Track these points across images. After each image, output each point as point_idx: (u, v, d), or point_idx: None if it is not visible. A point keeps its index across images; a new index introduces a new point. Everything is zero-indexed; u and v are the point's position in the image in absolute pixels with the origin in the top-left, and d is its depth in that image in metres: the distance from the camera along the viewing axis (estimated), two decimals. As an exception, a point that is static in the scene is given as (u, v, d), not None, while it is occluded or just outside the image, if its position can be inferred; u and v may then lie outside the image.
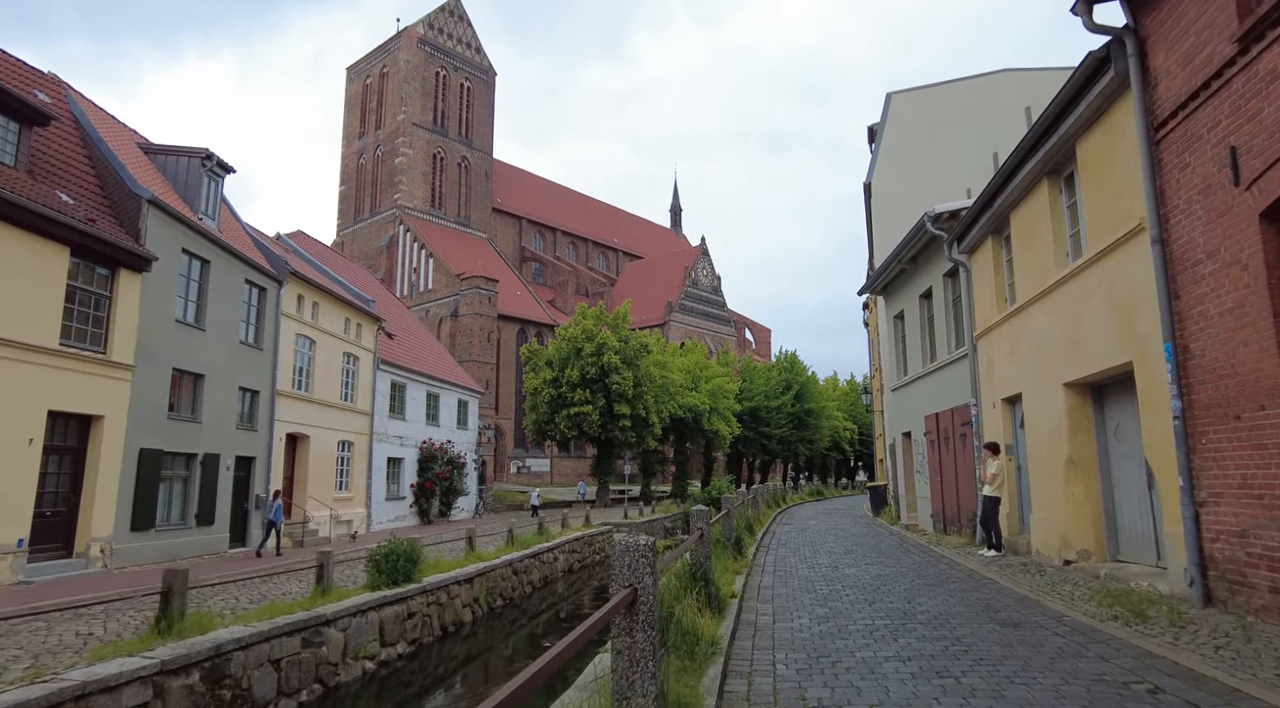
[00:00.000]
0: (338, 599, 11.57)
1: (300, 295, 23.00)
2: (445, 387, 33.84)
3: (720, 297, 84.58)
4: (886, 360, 22.93)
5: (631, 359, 42.83)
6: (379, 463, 27.88)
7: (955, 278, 15.72)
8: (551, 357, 43.88)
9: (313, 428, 23.55)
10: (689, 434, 49.82)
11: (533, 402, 44.38)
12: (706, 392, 48.87)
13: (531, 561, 20.38)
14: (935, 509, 16.75)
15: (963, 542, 14.30)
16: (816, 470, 73.43)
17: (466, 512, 35.55)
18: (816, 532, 18.94)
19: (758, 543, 15.55)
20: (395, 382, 29.56)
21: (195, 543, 17.75)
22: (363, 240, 76.46)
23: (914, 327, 18.24)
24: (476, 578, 16.36)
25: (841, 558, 13.13)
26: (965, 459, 14.83)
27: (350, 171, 79.53)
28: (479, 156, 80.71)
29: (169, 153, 19.55)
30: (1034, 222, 11.29)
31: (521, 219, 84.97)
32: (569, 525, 26.71)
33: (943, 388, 16.23)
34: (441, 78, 78.05)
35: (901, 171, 23.74)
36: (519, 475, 67.59)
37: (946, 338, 15.99)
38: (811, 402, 58.15)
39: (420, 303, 69.84)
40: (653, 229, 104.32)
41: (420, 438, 31.21)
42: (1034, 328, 11.36)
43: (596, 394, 42.26)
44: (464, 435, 35.77)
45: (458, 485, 33.24)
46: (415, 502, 30.50)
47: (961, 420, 15.03)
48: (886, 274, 19.07)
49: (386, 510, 28.31)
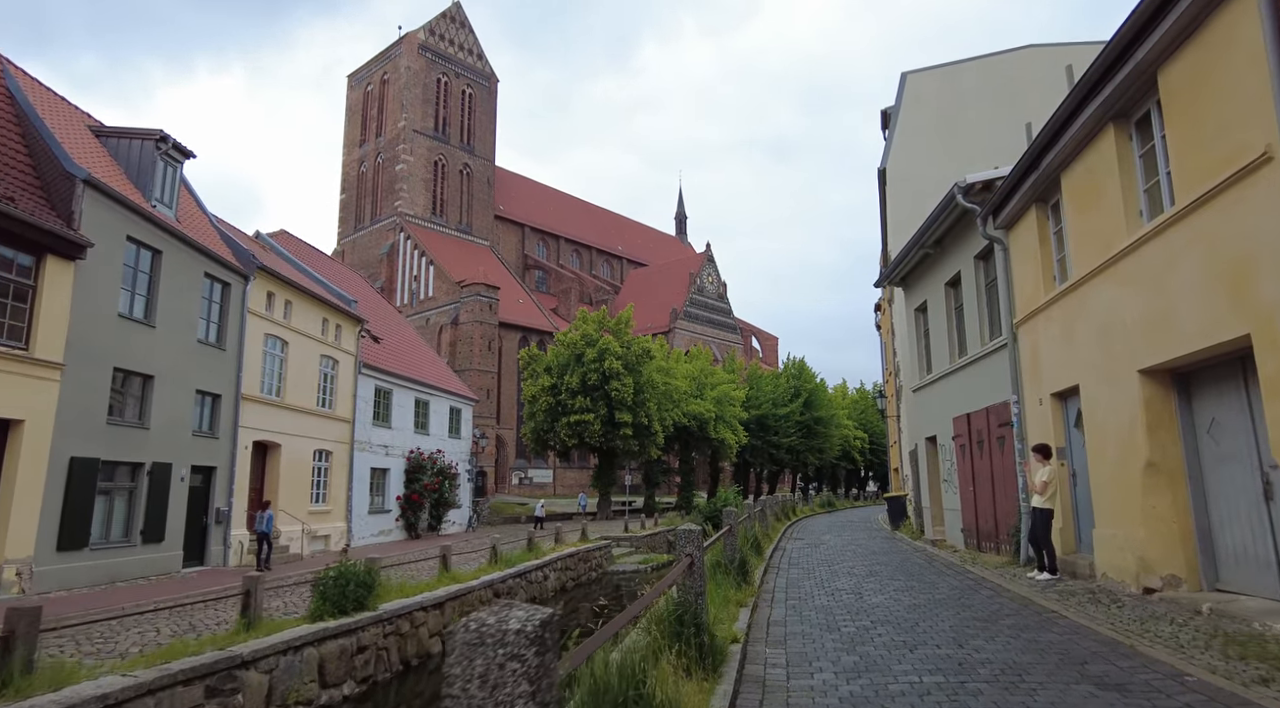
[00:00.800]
0: (267, 633, 9.67)
1: (270, 293, 21.21)
2: (436, 393, 31.99)
3: (726, 304, 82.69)
4: (906, 359, 20.97)
5: (633, 365, 40.95)
6: (361, 474, 26.00)
7: (989, 259, 13.79)
8: (551, 363, 42.04)
9: (284, 436, 21.71)
10: (694, 443, 47.84)
11: (531, 409, 42.52)
12: (712, 399, 46.92)
13: (517, 581, 18.42)
14: (967, 523, 14.74)
15: (1003, 561, 12.29)
16: (826, 481, 71.21)
17: (459, 526, 33.60)
18: (832, 548, 16.93)
19: (766, 562, 13.57)
20: (380, 387, 27.72)
21: (140, 563, 15.87)
22: (363, 249, 74.97)
23: (939, 319, 16.28)
24: (448, 603, 14.42)
25: (864, 581, 11.15)
26: (1004, 466, 12.85)
27: (351, 180, 78.15)
28: (481, 163, 79.24)
29: (120, 136, 17.83)
30: (1095, 179, 9.37)
31: (524, 226, 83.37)
32: (563, 540, 24.75)
33: (975, 385, 14.27)
34: (443, 84, 76.70)
35: (918, 156, 21.85)
36: (521, 487, 65.64)
37: (979, 328, 14.03)
38: (820, 409, 56.09)
39: (421, 311, 68.22)
40: (658, 237, 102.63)
41: (408, 447, 29.34)
42: (1096, 306, 9.41)
43: (597, 402, 40.37)
44: (457, 445, 33.88)
45: (449, 498, 31.31)
46: (402, 515, 28.59)
47: (999, 421, 13.05)
48: (907, 261, 17.14)
49: (369, 525, 26.40)
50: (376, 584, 12.16)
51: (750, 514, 14.87)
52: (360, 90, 78.82)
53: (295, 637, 9.71)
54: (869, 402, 74.03)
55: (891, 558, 14.51)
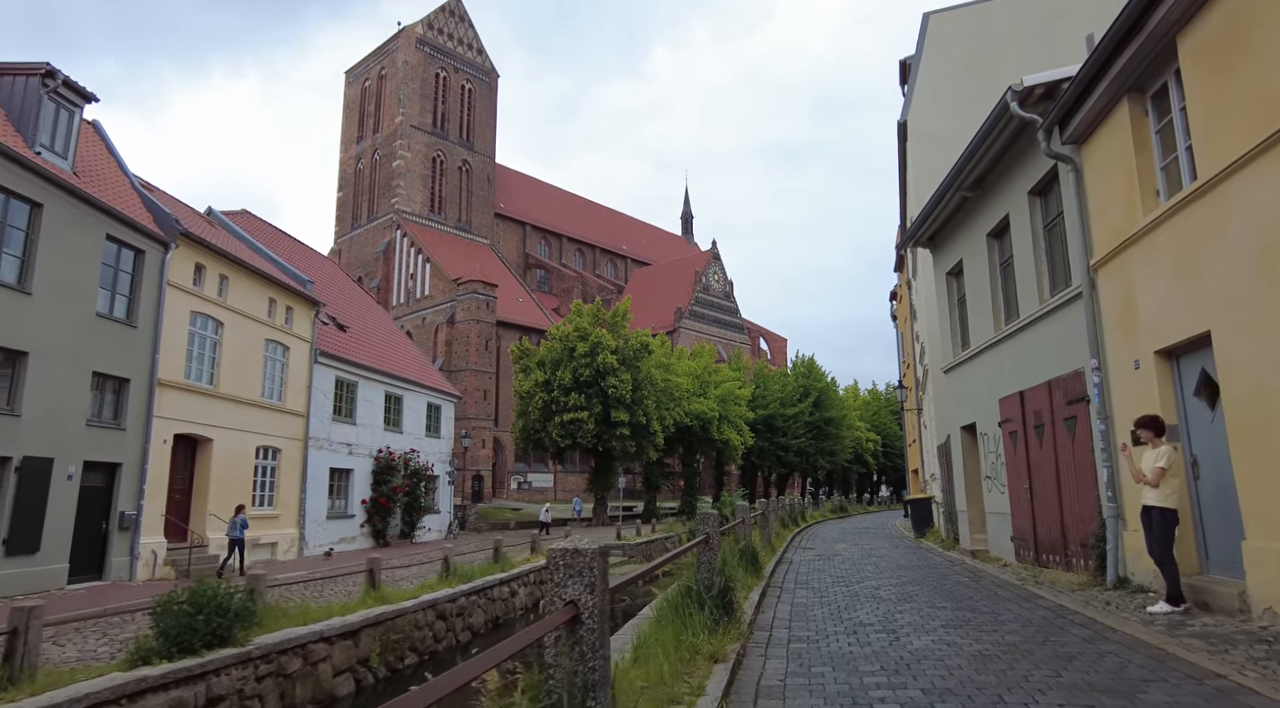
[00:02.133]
0: (40, 691, 6.65)
1: (200, 265, 18.30)
2: (411, 388, 29.01)
3: (733, 303, 79.55)
4: (933, 337, 17.82)
5: (630, 361, 37.88)
6: (317, 474, 23.02)
7: (1048, 193, 10.68)
8: (544, 357, 39.03)
9: (218, 429, 18.76)
10: (697, 445, 44.67)
11: (522, 407, 39.48)
12: (715, 398, 43.77)
13: (473, 599, 15.35)
14: (1019, 530, 11.58)
15: (1079, 581, 9.13)
16: (837, 485, 67.83)
17: (438, 532, 30.57)
18: (849, 562, 13.76)
19: (766, 581, 10.45)
20: (343, 379, 24.77)
21: (5, 578, 12.90)
22: (360, 247, 72.38)
23: (979, 279, 13.15)
24: (365, 630, 11.36)
25: (897, 610, 8.02)
26: (1077, 454, 9.70)
27: (348, 177, 75.64)
28: (480, 160, 76.57)
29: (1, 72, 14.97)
30: (1244, 27, 6.28)
31: (526, 225, 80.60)
32: (540, 550, 21.66)
33: (1031, 355, 11.12)
34: (441, 79, 74.14)
35: (943, 106, 18.73)
36: (520, 492, 62.65)
37: (1035, 283, 10.89)
38: (831, 410, 52.85)
39: (417, 310, 65.50)
40: (663, 237, 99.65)
41: (376, 446, 26.35)
42: (1249, 210, 6.30)
43: (592, 399, 37.30)
44: (436, 445, 30.89)
45: (423, 501, 28.30)
46: (368, 521, 25.58)
47: (1068, 396, 9.91)
48: (938, 213, 14.01)
49: (328, 531, 23.40)
50: (254, 610, 9.14)
51: (746, 520, 11.74)
52: (358, 86, 76.40)
53: (80, 695, 6.68)
54: (881, 403, 70.75)
55: (925, 574, 11.35)
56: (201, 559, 17.47)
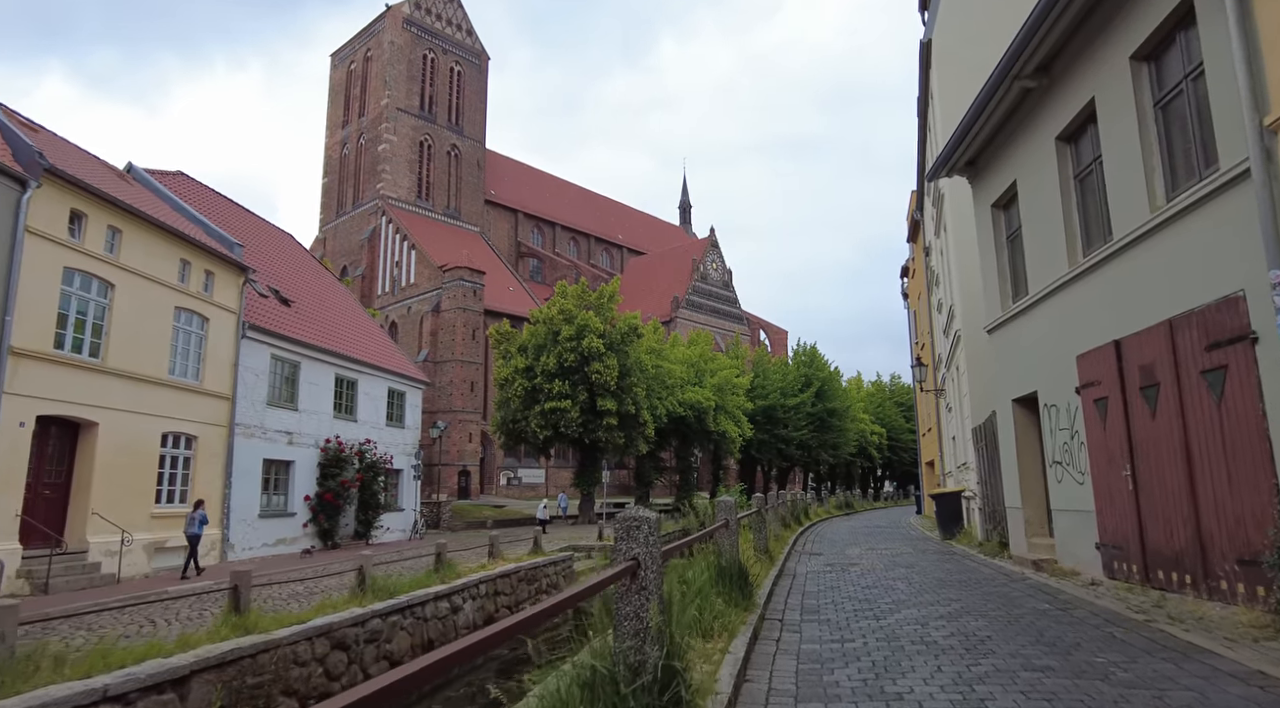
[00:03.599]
0: None
1: (79, 213, 14.97)
2: (368, 371, 25.68)
3: (732, 292, 76.20)
4: (969, 294, 14.46)
5: (617, 345, 34.55)
6: (247, 466, 19.71)
7: (1163, 55, 7.33)
8: (525, 342, 35.71)
9: (105, 411, 15.46)
10: (692, 437, 41.31)
11: (502, 396, 36.15)
12: (711, 387, 40.41)
13: (393, 621, 12.03)
14: (1113, 534, 8.23)
15: (1250, 620, 5.79)
16: (840, 480, 64.46)
17: (400, 533, 27.28)
18: (872, 576, 10.39)
19: (762, 610, 7.11)
20: (281, 358, 21.45)
21: None
22: (344, 235, 69.07)
23: (1043, 202, 9.78)
24: (201, 675, 8.05)
25: (972, 675, 4.66)
26: (1229, 421, 6.35)
27: (333, 163, 72.28)
28: (470, 145, 73.20)
29: None
30: None
31: (518, 212, 77.24)
32: (500, 554, 18.35)
33: (1137, 286, 7.76)
34: (429, 61, 70.76)
35: (976, 18, 15.36)
36: (510, 487, 59.40)
37: (1146, 181, 7.53)
38: (834, 400, 49.44)
39: (402, 299, 62.19)
40: (661, 226, 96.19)
41: (323, 435, 23.04)
42: None
43: (577, 387, 33.98)
44: (398, 435, 27.58)
45: (381, 498, 25.00)
46: (313, 520, 22.27)
47: (1210, 337, 6.55)
48: (981, 125, 10.62)
49: (261, 532, 20.10)
50: None
51: (730, 523, 8.40)
52: (343, 69, 73.06)
53: None
54: (886, 395, 67.36)
55: (983, 598, 8.00)
56: (75, 569, 14.16)
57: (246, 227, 26.33)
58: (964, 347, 14.63)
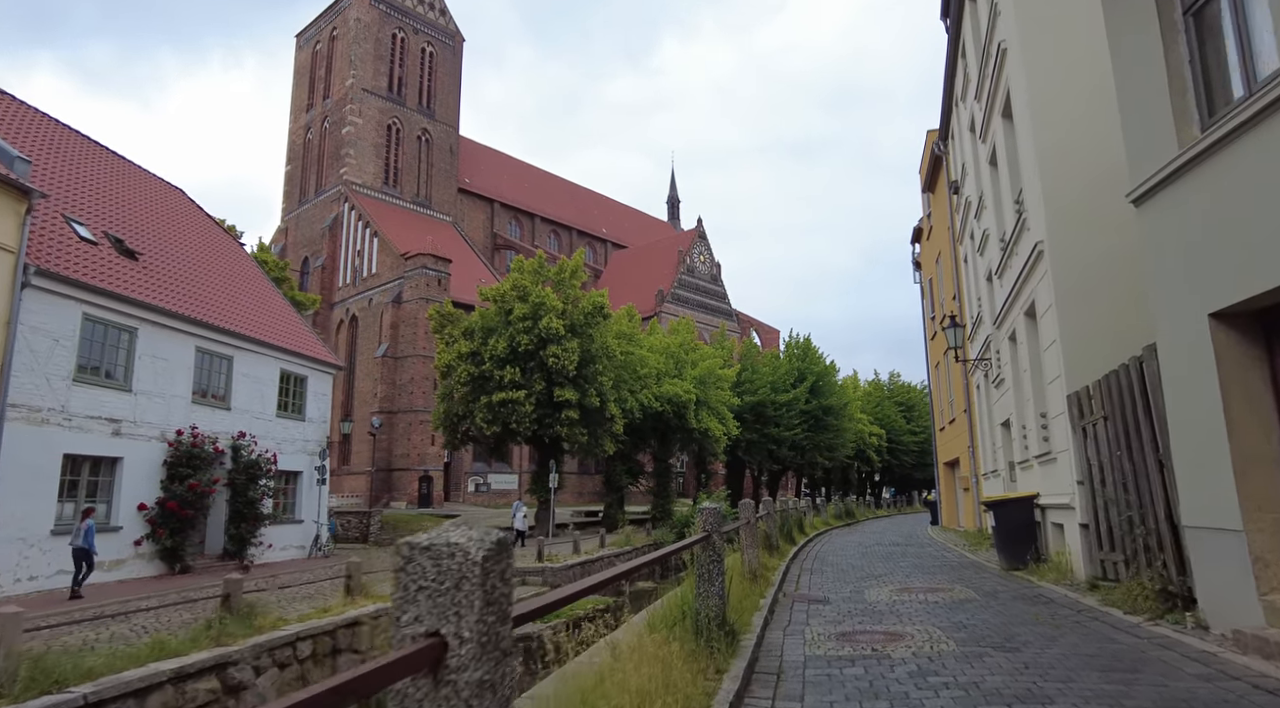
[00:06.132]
0: None
1: None
2: (247, 346, 20.02)
3: (720, 287, 70.79)
4: (1056, 183, 8.94)
5: (580, 327, 29.00)
6: (31, 463, 14.00)
7: None
8: (472, 324, 30.14)
9: None
10: (671, 435, 35.67)
11: (445, 388, 30.55)
12: (693, 378, 34.83)
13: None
14: None
15: None
16: (836, 485, 58.82)
17: (297, 550, 21.59)
18: (935, 672, 4.79)
19: None
20: (100, 319, 15.79)
21: None
22: (306, 224, 63.48)
23: None
24: None
25: None
26: None
27: (296, 149, 66.74)
28: (442, 130, 67.73)
29: None
30: None
31: (494, 202, 71.77)
32: (365, 589, 12.71)
33: None
34: (399, 40, 65.36)
35: None
36: (478, 494, 53.64)
37: None
38: (830, 397, 43.89)
39: (363, 290, 56.69)
40: (648, 221, 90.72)
41: (174, 425, 17.39)
42: None
43: (532, 375, 28.42)
44: (294, 429, 21.91)
45: (259, 507, 19.34)
46: (152, 536, 16.57)
47: None
48: None
49: (53, 556, 14.38)
50: None
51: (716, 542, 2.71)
52: (308, 50, 67.62)
53: None
54: (884, 394, 61.90)
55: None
56: None
57: (105, 169, 20.77)
58: (1049, 271, 9.08)
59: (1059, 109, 9.19)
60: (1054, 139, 9.13)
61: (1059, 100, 9.22)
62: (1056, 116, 9.19)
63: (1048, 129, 9.20)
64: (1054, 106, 9.22)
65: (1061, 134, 9.13)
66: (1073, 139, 9.07)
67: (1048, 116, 9.23)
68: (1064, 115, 9.16)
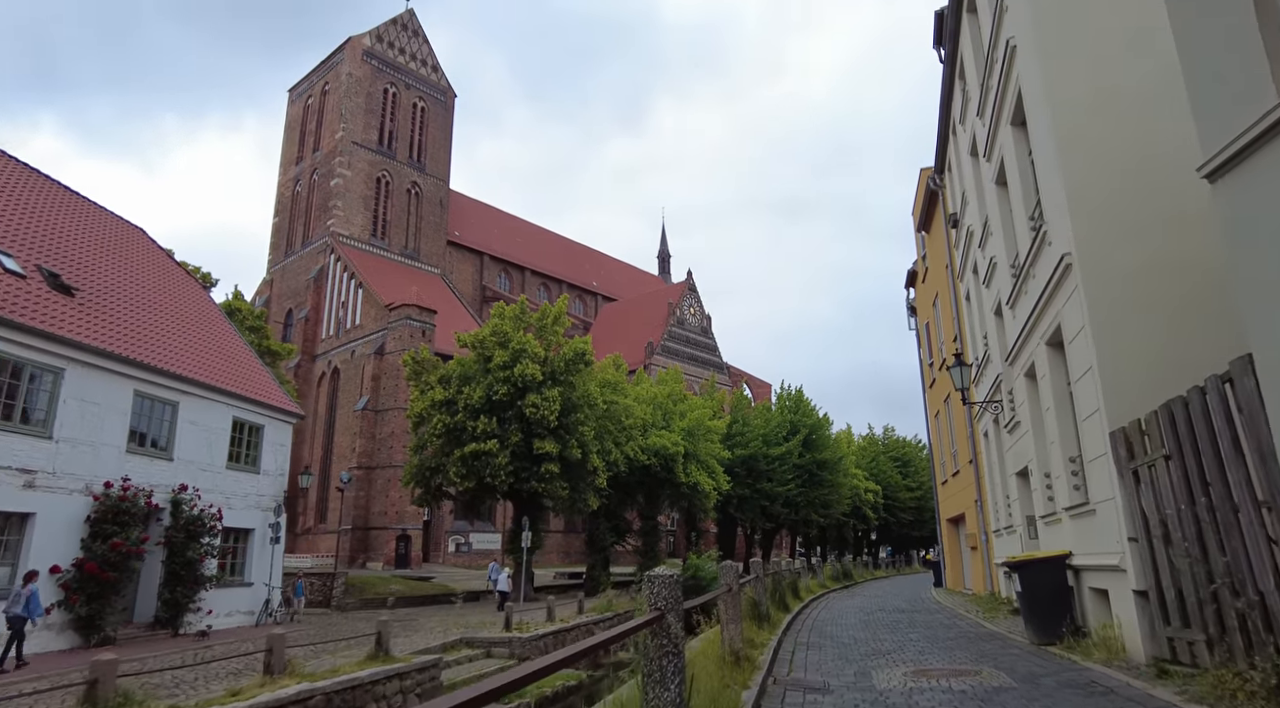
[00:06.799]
0: None
1: None
2: (195, 391, 18.39)
3: (711, 339, 69.63)
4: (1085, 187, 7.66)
5: (560, 375, 27.50)
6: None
7: None
8: (449, 371, 28.60)
9: None
10: (659, 490, 33.84)
11: (417, 439, 28.84)
12: (681, 430, 33.19)
13: None
14: None
15: None
16: (832, 543, 56.55)
17: (245, 616, 19.55)
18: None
19: None
20: (16, 358, 14.21)
21: None
22: (291, 276, 62.40)
23: None
24: None
25: None
26: None
27: (285, 202, 66.14)
28: (432, 183, 67.43)
29: None
30: None
31: (484, 255, 71.05)
32: (292, 667, 10.86)
33: None
34: (391, 95, 65.54)
35: None
36: (458, 555, 51.10)
37: None
38: (824, 451, 42.20)
39: (346, 342, 55.25)
40: (638, 275, 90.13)
41: (103, 476, 15.65)
42: None
43: (508, 426, 26.75)
44: (247, 482, 20.12)
45: (200, 569, 17.43)
46: (65, 603, 14.65)
47: None
48: None
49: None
50: None
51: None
52: (300, 104, 67.74)
53: None
54: (879, 449, 60.16)
55: None
56: None
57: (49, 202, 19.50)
58: (1080, 287, 7.70)
59: (1080, 97, 7.97)
60: (1077, 130, 7.88)
61: (1079, 86, 8.01)
62: (1078, 106, 7.97)
63: (1069, 120, 7.96)
64: (1074, 94, 8.01)
65: (1085, 124, 7.88)
66: (1099, 129, 7.82)
67: (1068, 107, 8.00)
68: (1086, 103, 7.94)
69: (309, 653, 14.40)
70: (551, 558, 54.55)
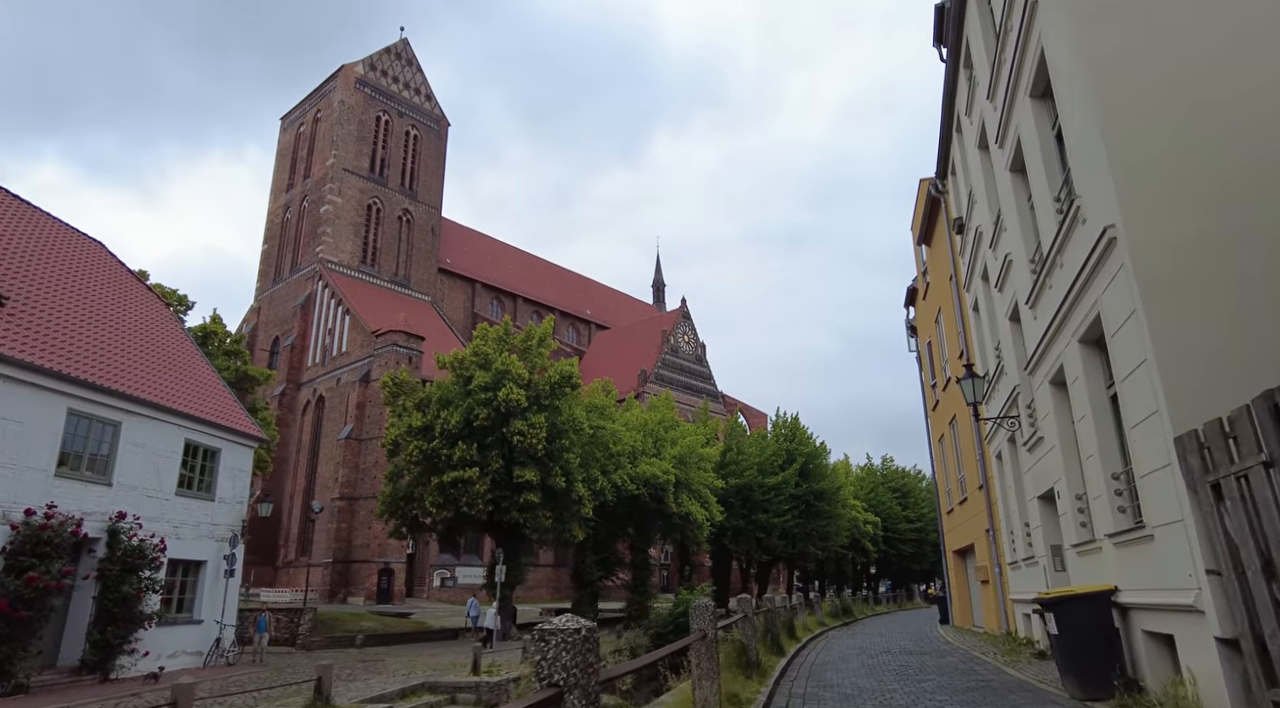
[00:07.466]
0: None
1: None
2: (140, 411, 16.89)
3: (705, 367, 68.24)
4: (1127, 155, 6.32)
5: (544, 399, 26.02)
6: None
7: None
8: (427, 395, 27.11)
9: None
10: (649, 521, 32.13)
11: (393, 467, 27.26)
12: (672, 458, 31.59)
13: None
14: None
15: None
16: (830, 577, 54.53)
17: (190, 657, 17.80)
18: None
19: None
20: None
21: None
22: (280, 303, 61.11)
23: None
24: None
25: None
26: None
27: (274, 229, 65.16)
28: (424, 211, 66.56)
29: None
30: None
31: (475, 283, 69.93)
32: None
33: None
34: (383, 123, 65.00)
35: None
36: (443, 589, 49.03)
37: None
38: (822, 480, 40.53)
39: (332, 369, 53.78)
40: (632, 303, 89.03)
41: (22, 503, 14.06)
42: None
43: (489, 452, 25.20)
44: (200, 511, 18.51)
45: (138, 606, 15.76)
46: (-30, 644, 13.00)
47: None
48: None
49: None
50: None
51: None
52: (292, 132, 67.16)
53: None
54: (878, 480, 58.35)
55: None
56: None
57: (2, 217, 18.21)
58: (1127, 265, 6.35)
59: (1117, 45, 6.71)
60: (1116, 83, 6.60)
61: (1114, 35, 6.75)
62: (1115, 55, 6.70)
63: (1105, 71, 6.68)
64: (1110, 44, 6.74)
65: (1123, 74, 6.61)
66: (1143, 79, 6.55)
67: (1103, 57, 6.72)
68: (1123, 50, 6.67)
69: (244, 703, 12.72)
70: (540, 593, 52.41)
